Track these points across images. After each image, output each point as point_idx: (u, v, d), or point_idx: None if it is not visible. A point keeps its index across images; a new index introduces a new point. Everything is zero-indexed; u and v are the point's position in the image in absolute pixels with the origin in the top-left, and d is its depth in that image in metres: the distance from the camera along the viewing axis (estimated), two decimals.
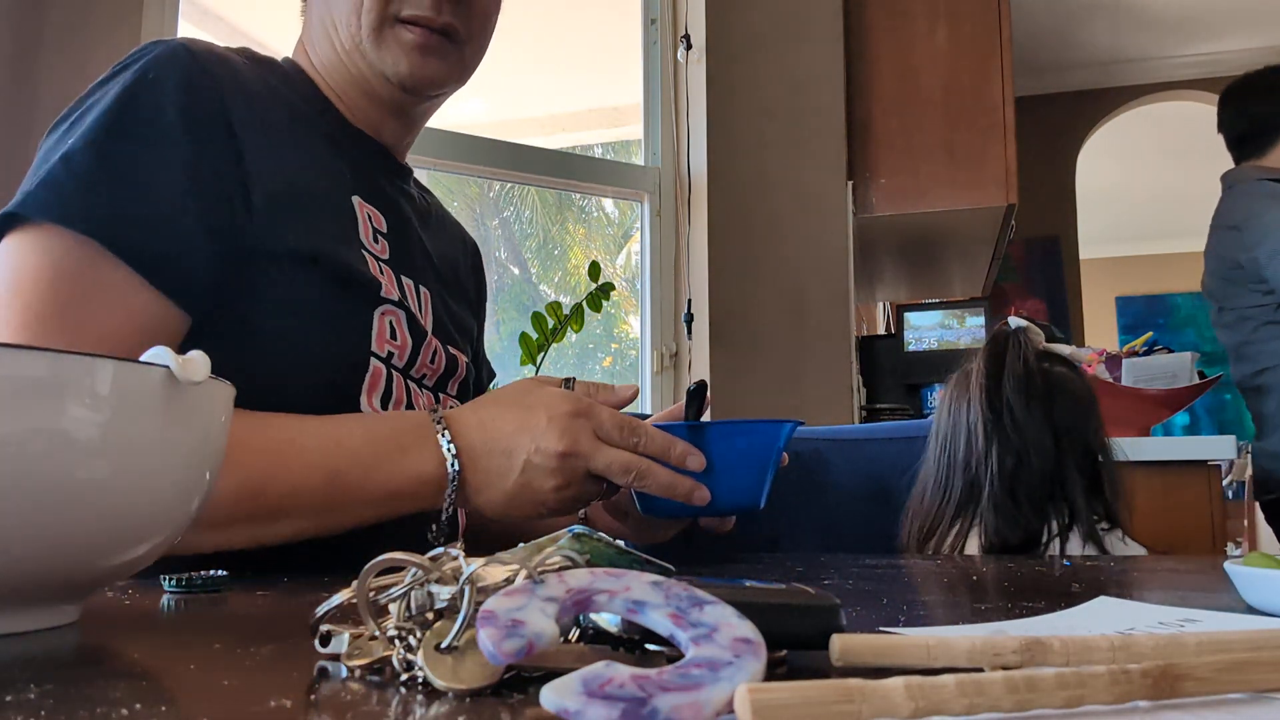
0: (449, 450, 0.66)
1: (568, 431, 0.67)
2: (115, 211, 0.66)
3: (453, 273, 0.98)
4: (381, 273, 0.81)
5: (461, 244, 1.05)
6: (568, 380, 0.73)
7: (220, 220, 0.71)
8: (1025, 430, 1.00)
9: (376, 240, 0.83)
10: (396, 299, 0.81)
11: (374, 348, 0.78)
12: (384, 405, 0.79)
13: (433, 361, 0.85)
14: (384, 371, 0.79)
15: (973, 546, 1.02)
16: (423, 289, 0.88)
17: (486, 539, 0.93)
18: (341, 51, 0.85)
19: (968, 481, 1.01)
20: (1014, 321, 1.10)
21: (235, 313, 0.72)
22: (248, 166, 0.73)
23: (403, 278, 0.85)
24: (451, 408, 0.72)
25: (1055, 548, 1.01)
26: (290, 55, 0.90)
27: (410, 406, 0.82)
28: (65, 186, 0.66)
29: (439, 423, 0.68)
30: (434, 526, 0.70)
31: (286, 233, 0.74)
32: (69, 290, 0.65)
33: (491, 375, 1.07)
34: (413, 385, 0.83)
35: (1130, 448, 1.94)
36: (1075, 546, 1.03)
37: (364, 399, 0.78)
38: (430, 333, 0.85)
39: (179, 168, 0.70)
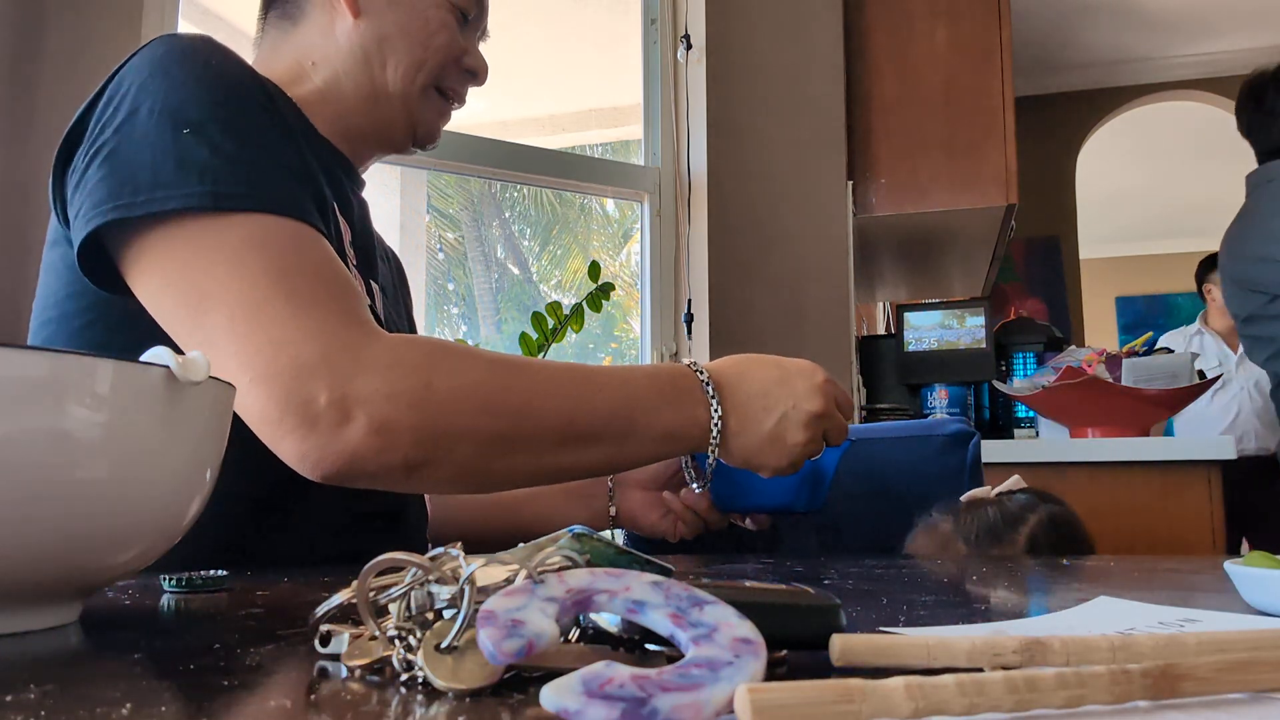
0: (713, 397, 0.72)
1: (824, 395, 0.76)
2: (291, 190, 0.68)
3: (389, 279, 0.99)
4: (359, 280, 0.82)
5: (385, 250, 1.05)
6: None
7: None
8: None
9: (349, 248, 0.84)
10: (374, 309, 0.83)
11: None
12: None
13: None
14: None
15: None
16: (383, 299, 0.90)
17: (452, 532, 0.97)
18: (371, 84, 0.85)
19: None
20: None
21: None
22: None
23: (372, 283, 0.86)
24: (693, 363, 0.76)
25: None
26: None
27: None
28: (254, 173, 0.67)
29: (700, 373, 0.74)
30: (690, 464, 0.80)
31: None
32: (332, 269, 0.66)
33: None
34: None
35: (1130, 448, 1.95)
36: None
37: None
38: None
39: (291, 147, 0.73)
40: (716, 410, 0.72)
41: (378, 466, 0.61)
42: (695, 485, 0.81)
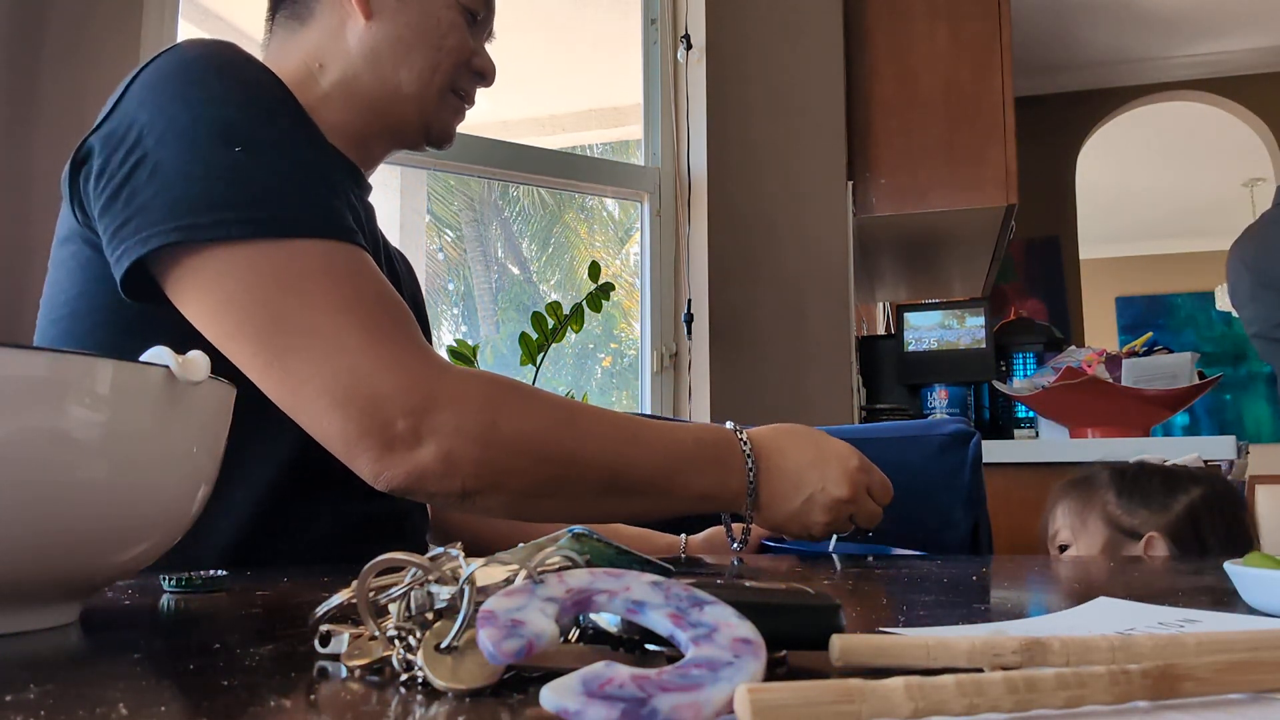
0: (751, 469, 0.76)
1: (853, 483, 0.78)
2: (341, 212, 0.71)
3: (394, 280, 0.98)
4: None
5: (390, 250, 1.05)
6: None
7: None
8: None
9: None
10: None
11: None
12: None
13: None
14: None
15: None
16: None
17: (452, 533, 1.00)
18: (383, 86, 0.85)
19: None
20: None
21: None
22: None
23: None
24: (740, 428, 0.80)
25: None
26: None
27: None
28: (310, 196, 0.69)
29: (744, 443, 0.77)
30: (728, 521, 0.83)
31: None
32: (391, 296, 0.70)
33: None
34: None
35: (1130, 448, 1.95)
36: None
37: None
38: None
39: (327, 162, 0.74)
40: (751, 483, 0.76)
41: (438, 488, 0.67)
42: (734, 544, 0.84)
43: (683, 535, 0.97)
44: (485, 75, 0.93)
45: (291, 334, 0.65)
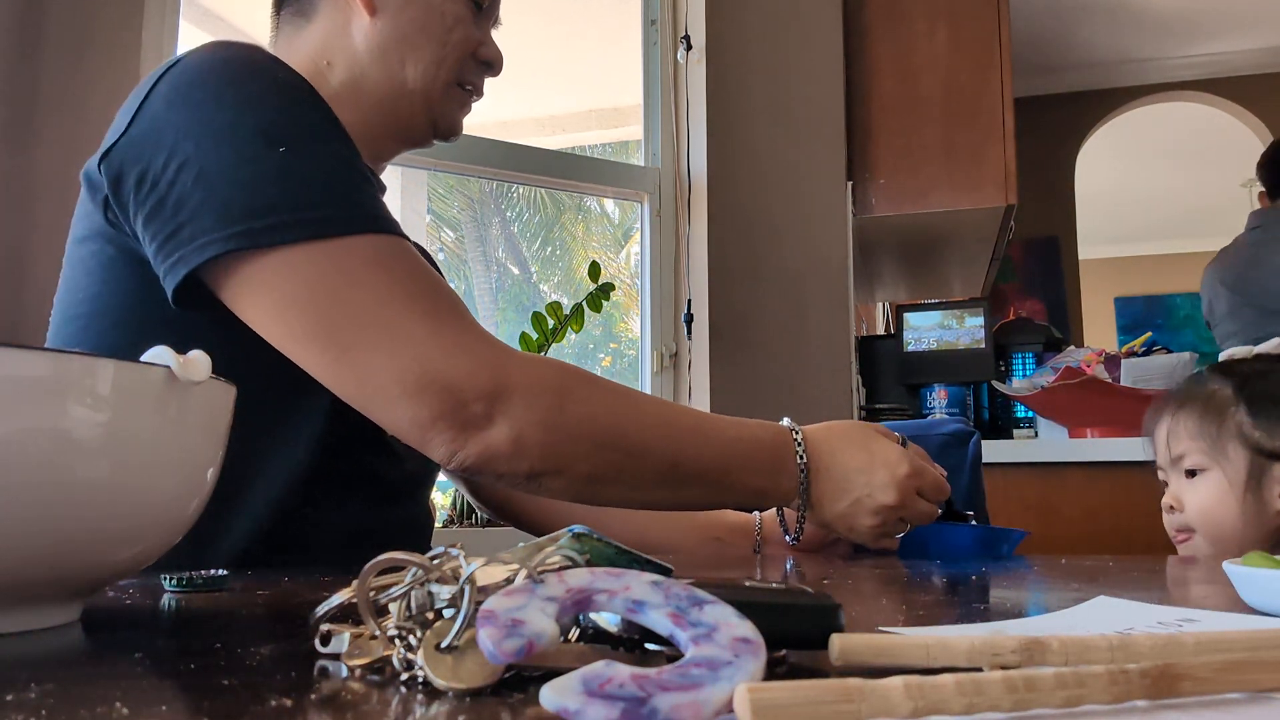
0: (802, 469, 0.78)
1: (901, 490, 0.79)
2: (382, 205, 0.74)
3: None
4: None
5: None
6: (903, 440, 0.84)
7: None
8: None
9: None
10: None
11: None
12: None
13: None
14: None
15: None
16: None
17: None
18: (389, 82, 0.85)
19: None
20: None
21: None
22: None
23: None
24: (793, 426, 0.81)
25: None
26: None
27: None
28: (356, 193, 0.70)
29: (799, 443, 0.79)
30: (782, 515, 0.86)
31: None
32: (443, 284, 0.72)
33: None
34: None
35: (1129, 448, 1.95)
36: None
37: None
38: None
39: (358, 155, 0.75)
40: (803, 484, 0.78)
41: (507, 469, 0.69)
42: (789, 538, 0.85)
43: (756, 513, 0.98)
44: (493, 65, 0.92)
45: (357, 329, 0.67)
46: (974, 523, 0.94)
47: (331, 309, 0.66)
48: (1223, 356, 1.15)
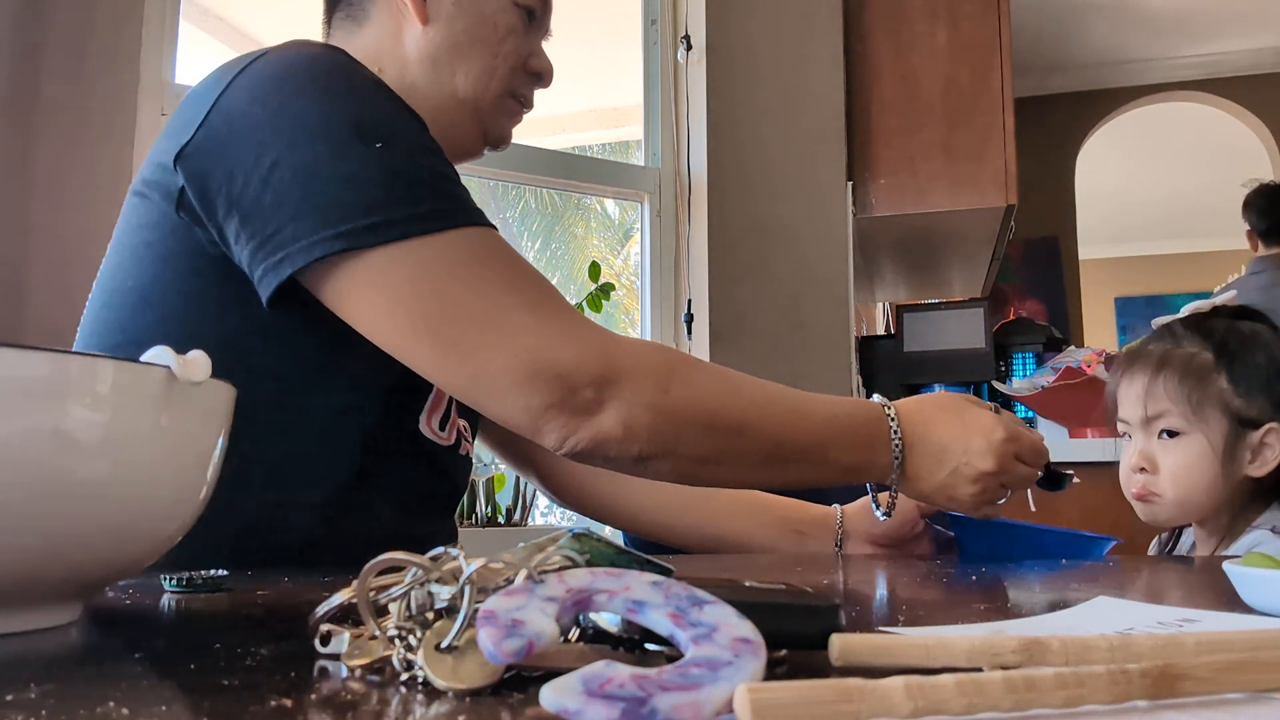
0: (897, 444, 0.78)
1: (998, 455, 0.78)
2: (471, 198, 0.74)
3: None
4: None
5: None
6: (996, 407, 0.83)
7: None
8: None
9: None
10: None
11: None
12: (441, 427, 0.83)
13: None
14: (445, 396, 0.83)
15: None
16: None
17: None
18: (440, 91, 0.85)
19: None
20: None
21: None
22: None
23: None
24: (883, 401, 0.81)
25: None
26: None
27: (458, 433, 0.86)
28: (449, 186, 0.71)
29: (892, 418, 0.79)
30: (873, 492, 0.87)
31: None
32: (539, 273, 0.74)
33: None
34: (454, 410, 0.86)
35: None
36: None
37: (423, 419, 0.81)
38: None
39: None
40: (898, 458, 0.78)
41: (617, 453, 0.70)
42: (879, 513, 0.85)
43: (837, 506, 0.98)
44: (543, 76, 0.92)
45: (465, 322, 0.67)
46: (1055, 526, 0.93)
47: (437, 305, 0.67)
48: (1184, 311, 1.15)
